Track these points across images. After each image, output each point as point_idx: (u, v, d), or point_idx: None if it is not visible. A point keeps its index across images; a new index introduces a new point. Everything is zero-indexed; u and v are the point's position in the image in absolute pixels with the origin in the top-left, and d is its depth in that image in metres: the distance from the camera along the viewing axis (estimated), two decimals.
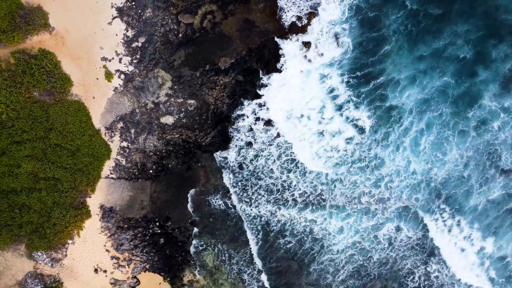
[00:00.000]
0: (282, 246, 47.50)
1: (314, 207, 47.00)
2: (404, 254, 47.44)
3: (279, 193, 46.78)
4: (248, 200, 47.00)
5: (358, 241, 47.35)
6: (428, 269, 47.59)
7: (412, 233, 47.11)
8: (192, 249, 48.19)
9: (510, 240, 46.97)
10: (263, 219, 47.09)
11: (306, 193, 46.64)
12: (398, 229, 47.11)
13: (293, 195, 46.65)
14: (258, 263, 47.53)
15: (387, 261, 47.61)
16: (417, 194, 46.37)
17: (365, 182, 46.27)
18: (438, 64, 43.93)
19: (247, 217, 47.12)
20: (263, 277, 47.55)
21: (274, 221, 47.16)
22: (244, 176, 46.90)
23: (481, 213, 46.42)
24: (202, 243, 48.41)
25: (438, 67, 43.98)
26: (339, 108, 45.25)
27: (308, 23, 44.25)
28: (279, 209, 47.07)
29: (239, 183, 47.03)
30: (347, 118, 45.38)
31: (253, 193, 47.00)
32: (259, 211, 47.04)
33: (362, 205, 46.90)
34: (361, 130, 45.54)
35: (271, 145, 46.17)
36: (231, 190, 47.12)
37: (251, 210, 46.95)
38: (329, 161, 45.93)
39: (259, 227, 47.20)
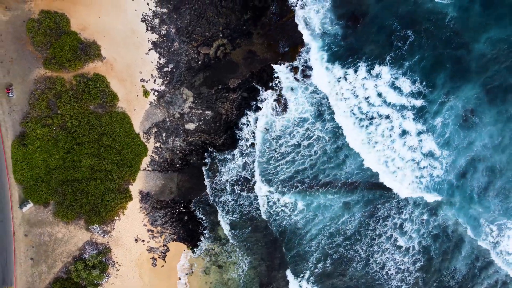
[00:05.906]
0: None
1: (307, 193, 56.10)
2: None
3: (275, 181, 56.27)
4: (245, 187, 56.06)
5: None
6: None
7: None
8: (208, 224, 56.13)
9: None
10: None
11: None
12: None
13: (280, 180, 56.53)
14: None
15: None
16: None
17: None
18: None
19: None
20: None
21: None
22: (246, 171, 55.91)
23: None
24: (216, 220, 56.12)
25: None
26: (319, 116, 54.89)
27: (297, 52, 53.00)
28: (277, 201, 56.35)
29: (239, 177, 55.79)
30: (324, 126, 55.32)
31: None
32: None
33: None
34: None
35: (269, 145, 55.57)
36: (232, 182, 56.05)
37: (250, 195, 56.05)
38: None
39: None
